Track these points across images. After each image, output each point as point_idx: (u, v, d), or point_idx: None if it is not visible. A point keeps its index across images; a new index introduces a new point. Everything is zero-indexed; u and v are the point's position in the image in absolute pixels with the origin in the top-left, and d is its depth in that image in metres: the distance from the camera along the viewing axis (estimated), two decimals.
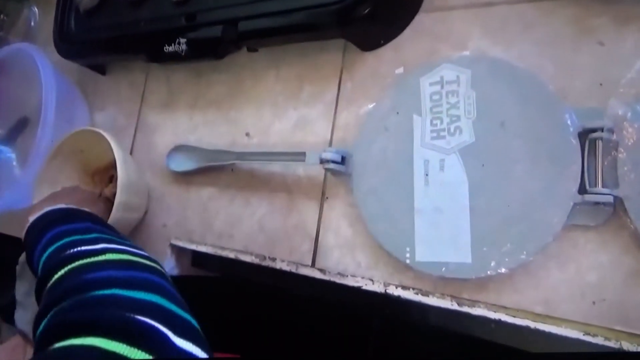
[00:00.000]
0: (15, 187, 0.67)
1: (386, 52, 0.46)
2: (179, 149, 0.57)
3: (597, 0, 0.37)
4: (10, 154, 0.76)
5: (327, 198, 0.47)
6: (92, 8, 0.63)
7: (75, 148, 0.60)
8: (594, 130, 0.36)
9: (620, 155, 0.35)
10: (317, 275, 0.46)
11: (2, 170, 0.76)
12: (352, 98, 0.47)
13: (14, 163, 0.76)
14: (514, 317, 0.37)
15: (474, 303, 0.39)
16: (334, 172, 0.46)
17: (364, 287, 0.43)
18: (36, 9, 0.82)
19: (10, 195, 0.67)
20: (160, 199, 0.59)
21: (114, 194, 0.53)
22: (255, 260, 0.49)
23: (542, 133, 0.37)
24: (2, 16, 0.81)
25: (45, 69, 0.63)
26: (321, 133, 0.49)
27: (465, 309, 0.39)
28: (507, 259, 0.37)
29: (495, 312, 0.38)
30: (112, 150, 0.52)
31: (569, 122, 0.36)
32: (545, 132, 0.37)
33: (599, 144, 0.35)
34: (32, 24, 0.81)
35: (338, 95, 0.48)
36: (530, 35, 0.40)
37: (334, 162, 0.44)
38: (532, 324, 0.36)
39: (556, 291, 0.36)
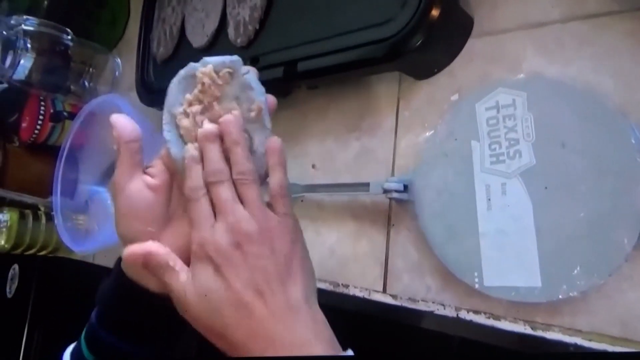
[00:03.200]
0: (111, 222, 0.74)
1: (440, 79, 0.47)
2: None
3: None
4: (105, 193, 0.84)
5: (393, 225, 0.49)
6: (167, 58, 0.69)
7: None
8: None
9: None
10: (389, 300, 0.47)
11: (100, 207, 0.85)
12: (411, 126, 0.49)
13: (109, 201, 0.84)
14: (590, 340, 0.37)
15: (548, 327, 0.39)
16: (397, 201, 0.48)
17: (436, 312, 0.45)
18: (119, 59, 0.91)
19: (107, 229, 0.75)
20: None
21: None
22: (330, 287, 0.52)
23: (605, 151, 0.37)
24: (91, 69, 0.90)
25: (128, 115, 0.69)
26: (383, 161, 0.50)
27: (539, 333, 0.39)
28: (578, 282, 0.37)
29: (570, 336, 0.38)
30: None
31: (632, 139, 0.36)
32: (609, 150, 0.37)
33: None
34: (117, 73, 0.90)
35: (397, 124, 0.50)
36: (586, 52, 0.39)
37: (396, 191, 0.46)
38: (610, 348, 0.36)
39: (632, 313, 0.36)
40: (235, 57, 0.37)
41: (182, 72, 0.38)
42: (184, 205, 0.37)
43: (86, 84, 0.91)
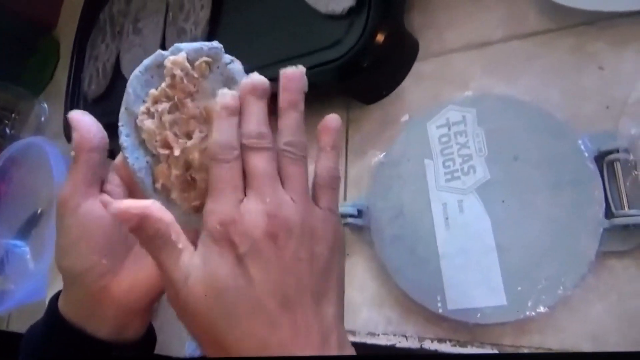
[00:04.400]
0: (30, 280, 0.67)
1: (389, 102, 0.47)
2: None
3: (591, 27, 0.38)
4: (24, 247, 0.76)
5: (348, 255, 0.46)
6: (99, 95, 0.66)
7: None
8: (609, 153, 0.35)
9: None
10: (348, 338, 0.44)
11: (18, 264, 0.76)
12: (362, 150, 0.47)
13: (28, 256, 0.75)
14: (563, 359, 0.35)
15: (517, 349, 0.37)
16: (351, 227, 0.45)
17: (398, 345, 0.41)
18: (45, 104, 0.85)
19: (26, 288, 0.67)
20: None
21: None
22: None
23: (557, 162, 0.37)
24: (13, 115, 0.84)
25: (56, 160, 0.64)
26: None
27: None
28: (544, 297, 0.35)
29: None
30: None
31: (582, 147, 0.36)
32: (561, 160, 0.37)
33: (617, 165, 0.35)
34: (42, 119, 0.84)
35: (347, 149, 0.48)
36: (531, 68, 0.40)
37: (350, 216, 0.44)
38: None
39: (602, 324, 0.34)
40: (215, 44, 0.30)
41: (146, 62, 0.30)
42: None
43: (7, 131, 0.84)
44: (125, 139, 0.30)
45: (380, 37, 0.43)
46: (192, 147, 0.30)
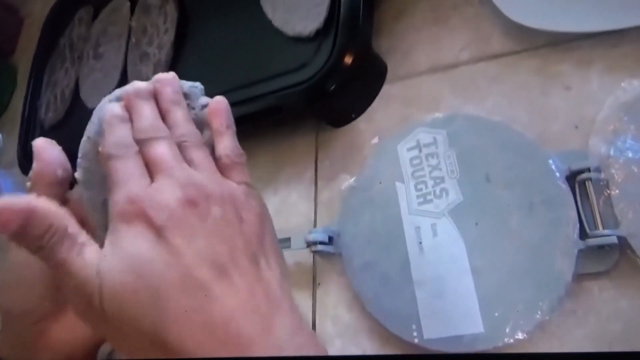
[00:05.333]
0: None
1: (359, 125, 0.46)
2: None
3: (555, 49, 0.38)
4: None
5: (319, 284, 0.44)
6: (57, 122, 0.63)
7: None
8: (580, 172, 0.35)
9: (613, 192, 0.34)
10: None
11: None
12: (332, 174, 0.46)
13: None
14: None
15: None
16: (322, 255, 0.44)
17: None
18: (0, 134, 0.81)
19: None
20: None
21: None
22: None
23: (529, 182, 0.36)
24: None
25: (8, 192, 0.61)
26: (304, 214, 0.47)
27: None
28: (522, 322, 0.34)
29: None
30: None
31: (553, 167, 0.36)
32: (532, 180, 0.36)
33: (589, 184, 0.34)
34: None
35: (316, 174, 0.47)
36: (498, 89, 0.40)
37: (321, 243, 0.42)
38: None
39: (581, 349, 0.33)
40: (197, 84, 0.30)
41: (118, 92, 0.29)
42: None
43: None
44: (81, 172, 0.28)
45: (348, 60, 0.42)
46: None
